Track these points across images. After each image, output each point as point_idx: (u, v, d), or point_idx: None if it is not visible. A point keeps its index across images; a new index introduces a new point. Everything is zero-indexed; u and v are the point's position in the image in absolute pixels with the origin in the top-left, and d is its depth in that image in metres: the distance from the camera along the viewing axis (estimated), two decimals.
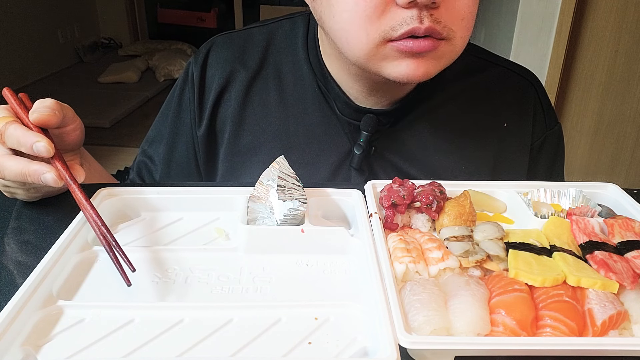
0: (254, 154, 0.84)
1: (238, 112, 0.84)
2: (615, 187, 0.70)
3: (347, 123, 0.81)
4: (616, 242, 0.58)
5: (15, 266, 0.58)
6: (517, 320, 0.47)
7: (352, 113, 0.81)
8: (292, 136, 0.83)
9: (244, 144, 0.84)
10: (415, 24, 0.63)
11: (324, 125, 0.82)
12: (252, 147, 0.84)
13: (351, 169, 0.81)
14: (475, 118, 0.85)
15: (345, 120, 0.81)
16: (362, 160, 0.80)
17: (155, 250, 0.59)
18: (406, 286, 0.52)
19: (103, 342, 0.47)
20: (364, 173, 0.81)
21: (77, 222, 0.60)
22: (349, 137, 0.82)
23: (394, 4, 0.64)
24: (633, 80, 2.38)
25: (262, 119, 0.84)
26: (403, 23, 0.64)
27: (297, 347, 0.47)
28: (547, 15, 2.21)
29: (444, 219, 0.61)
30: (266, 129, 0.83)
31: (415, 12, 0.63)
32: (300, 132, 0.83)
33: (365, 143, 0.80)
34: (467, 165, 0.83)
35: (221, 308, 0.51)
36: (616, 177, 2.60)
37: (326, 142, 0.82)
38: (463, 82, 0.85)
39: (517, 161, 0.87)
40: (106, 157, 3.13)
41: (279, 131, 0.83)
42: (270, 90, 0.84)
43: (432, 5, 0.63)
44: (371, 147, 0.81)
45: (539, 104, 0.88)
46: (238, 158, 0.85)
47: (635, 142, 2.52)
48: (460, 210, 0.61)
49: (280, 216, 0.60)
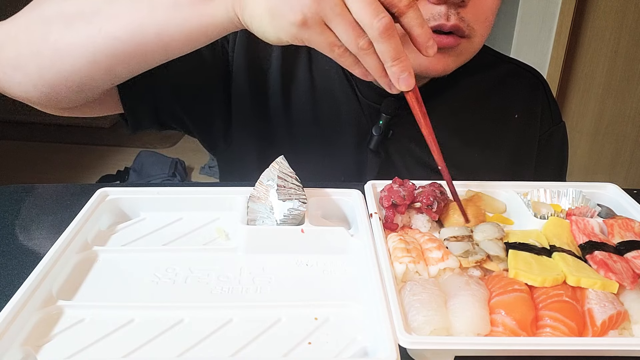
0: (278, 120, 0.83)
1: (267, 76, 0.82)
2: (615, 187, 0.70)
3: (368, 105, 0.82)
4: (616, 242, 0.58)
5: (15, 266, 0.58)
6: (517, 321, 0.47)
7: (374, 96, 0.82)
8: (317, 110, 0.83)
9: (269, 107, 0.83)
10: (442, 20, 0.67)
11: (346, 104, 0.83)
12: (276, 113, 0.83)
13: (368, 151, 0.82)
14: (488, 109, 0.88)
15: (367, 102, 0.82)
16: (379, 143, 0.81)
17: (155, 250, 0.59)
18: (406, 286, 0.52)
19: (103, 342, 0.47)
20: (380, 156, 0.82)
21: (77, 222, 0.60)
22: (369, 119, 0.82)
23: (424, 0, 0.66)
24: (633, 80, 2.38)
25: (290, 86, 0.83)
26: (431, 18, 0.67)
27: (297, 347, 0.47)
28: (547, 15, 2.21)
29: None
30: (292, 97, 0.83)
31: (443, 8, 0.66)
32: (325, 107, 0.83)
33: (384, 126, 0.81)
34: (481, 152, 0.86)
35: (221, 308, 0.51)
36: (616, 177, 2.60)
37: (347, 122, 0.83)
38: (477, 76, 0.87)
39: (526, 152, 0.90)
40: (106, 157, 3.13)
41: (306, 102, 0.83)
42: (300, 63, 0.84)
43: (461, 3, 0.66)
44: (389, 131, 0.82)
45: (546, 99, 0.92)
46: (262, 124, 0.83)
47: (635, 142, 2.52)
48: (477, 212, 0.63)
49: (280, 216, 0.60)
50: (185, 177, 2.99)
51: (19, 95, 0.68)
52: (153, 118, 0.81)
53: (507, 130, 0.88)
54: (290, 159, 0.62)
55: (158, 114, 0.80)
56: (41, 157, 3.05)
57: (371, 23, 0.49)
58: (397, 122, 0.82)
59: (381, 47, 0.50)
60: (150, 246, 0.61)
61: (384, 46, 0.50)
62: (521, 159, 0.89)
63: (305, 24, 0.51)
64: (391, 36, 0.50)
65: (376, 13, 0.49)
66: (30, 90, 0.66)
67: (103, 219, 0.64)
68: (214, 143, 0.88)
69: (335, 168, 0.84)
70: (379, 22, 0.48)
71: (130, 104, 0.77)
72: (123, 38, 0.61)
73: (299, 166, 0.62)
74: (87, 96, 0.69)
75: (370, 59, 0.52)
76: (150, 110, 0.79)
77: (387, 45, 0.50)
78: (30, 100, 0.68)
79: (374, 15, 0.49)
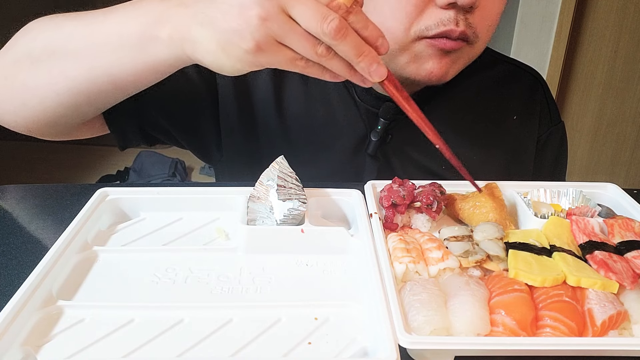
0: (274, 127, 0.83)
1: (259, 84, 0.82)
2: (615, 187, 0.70)
3: (366, 110, 0.82)
4: (616, 242, 0.58)
5: (15, 266, 0.58)
6: (517, 321, 0.47)
7: (372, 100, 0.81)
8: (313, 116, 0.83)
9: (263, 115, 0.83)
10: (451, 26, 0.66)
11: (343, 109, 0.83)
12: (270, 121, 0.83)
13: (366, 155, 0.82)
14: (487, 110, 0.87)
15: (364, 106, 0.82)
16: (377, 148, 0.81)
17: (155, 250, 0.59)
18: (406, 286, 0.52)
19: (103, 342, 0.47)
20: (379, 160, 0.82)
21: (77, 222, 0.60)
22: (366, 123, 0.82)
23: (433, 4, 0.66)
24: (633, 80, 2.38)
25: (283, 93, 0.83)
26: (440, 24, 0.67)
27: (297, 347, 0.47)
28: (547, 15, 2.21)
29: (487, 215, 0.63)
30: (286, 104, 0.83)
31: (452, 14, 0.66)
32: (321, 113, 0.83)
33: (382, 130, 0.81)
34: (479, 154, 0.85)
35: (221, 308, 0.51)
36: (616, 177, 2.60)
37: (344, 126, 0.83)
38: (475, 77, 0.87)
39: (525, 153, 0.90)
40: (106, 157, 3.13)
41: (300, 109, 0.83)
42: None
43: (469, 9, 0.66)
44: (387, 135, 0.82)
45: (545, 100, 0.91)
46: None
47: (635, 142, 2.52)
48: (498, 204, 0.63)
49: (280, 216, 0.60)
50: (185, 177, 2.99)
51: (9, 126, 0.72)
52: (141, 136, 0.82)
53: (505, 131, 0.88)
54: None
55: (145, 131, 0.82)
56: (41, 157, 3.04)
57: (322, 30, 0.48)
58: (395, 126, 0.81)
59: (341, 49, 0.50)
60: (150, 246, 0.61)
61: (343, 47, 0.50)
62: (520, 159, 0.89)
63: (260, 49, 0.50)
64: (345, 35, 0.49)
65: (323, 18, 0.48)
66: (15, 123, 0.70)
67: (103, 219, 0.64)
68: (208, 155, 0.89)
69: (333, 172, 0.83)
70: (329, 27, 0.48)
71: (116, 125, 0.79)
72: (79, 79, 0.63)
73: (297, 171, 0.62)
74: (65, 129, 0.72)
75: (334, 62, 0.51)
76: (137, 130, 0.81)
77: (345, 45, 0.49)
78: (20, 131, 0.72)
79: (322, 20, 0.48)
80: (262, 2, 0.48)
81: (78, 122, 0.72)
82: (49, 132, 0.72)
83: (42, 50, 0.63)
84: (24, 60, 0.64)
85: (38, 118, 0.68)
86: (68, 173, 2.98)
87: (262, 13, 0.48)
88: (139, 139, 0.82)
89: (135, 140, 0.82)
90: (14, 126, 0.71)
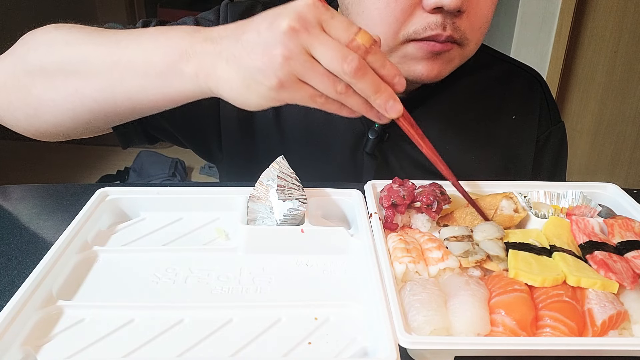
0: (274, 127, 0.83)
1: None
2: (615, 187, 0.70)
3: None
4: (616, 242, 0.58)
5: (15, 266, 0.58)
6: (517, 321, 0.47)
7: None
8: (311, 116, 0.83)
9: (262, 116, 0.83)
10: (439, 30, 0.67)
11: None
12: (268, 122, 0.83)
13: (364, 154, 0.82)
14: (485, 110, 0.87)
15: None
16: (375, 146, 0.81)
17: (155, 250, 0.59)
18: (406, 286, 0.52)
19: (103, 342, 0.47)
20: (377, 159, 0.82)
21: (77, 222, 0.60)
22: (364, 122, 0.82)
23: (421, 8, 0.67)
24: (633, 80, 2.38)
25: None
26: (427, 28, 0.67)
27: (297, 347, 0.47)
28: (547, 15, 2.21)
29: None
30: (287, 105, 0.83)
31: (439, 18, 0.67)
32: (319, 112, 0.82)
33: (380, 129, 0.81)
34: (477, 154, 0.85)
35: (221, 308, 0.51)
36: (616, 177, 2.60)
37: (342, 126, 0.83)
38: (473, 76, 0.87)
39: (524, 153, 0.90)
40: (106, 157, 3.13)
41: (299, 109, 0.83)
42: None
43: (456, 13, 0.66)
44: (385, 134, 0.82)
45: (544, 99, 0.91)
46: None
47: (635, 142, 2.52)
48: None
49: (280, 216, 0.60)
50: (185, 177, 2.99)
51: (17, 131, 0.72)
52: (143, 136, 0.82)
53: (503, 131, 0.88)
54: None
55: (148, 132, 0.82)
56: (41, 157, 3.04)
57: (342, 69, 0.50)
58: (393, 124, 0.81)
59: (359, 86, 0.51)
60: (150, 246, 0.61)
61: (361, 85, 0.51)
62: (518, 159, 0.89)
63: (282, 86, 0.51)
64: (365, 74, 0.51)
65: (344, 57, 0.49)
66: (24, 130, 0.71)
67: (103, 219, 0.64)
68: (210, 155, 0.89)
69: (332, 172, 0.84)
70: (349, 66, 0.49)
71: (119, 126, 0.79)
72: (98, 100, 0.63)
73: (296, 171, 0.62)
74: (74, 136, 0.73)
75: (352, 99, 0.53)
76: (139, 130, 0.81)
77: (363, 83, 0.51)
78: (28, 136, 0.73)
79: (342, 60, 0.49)
80: (286, 42, 0.49)
81: (90, 134, 0.73)
82: (57, 138, 0.73)
83: (59, 67, 0.63)
84: (38, 74, 0.64)
85: (49, 129, 0.69)
86: (68, 173, 2.98)
87: (285, 52, 0.49)
88: (141, 139, 0.83)
89: (138, 140, 0.83)
90: (22, 132, 0.72)
